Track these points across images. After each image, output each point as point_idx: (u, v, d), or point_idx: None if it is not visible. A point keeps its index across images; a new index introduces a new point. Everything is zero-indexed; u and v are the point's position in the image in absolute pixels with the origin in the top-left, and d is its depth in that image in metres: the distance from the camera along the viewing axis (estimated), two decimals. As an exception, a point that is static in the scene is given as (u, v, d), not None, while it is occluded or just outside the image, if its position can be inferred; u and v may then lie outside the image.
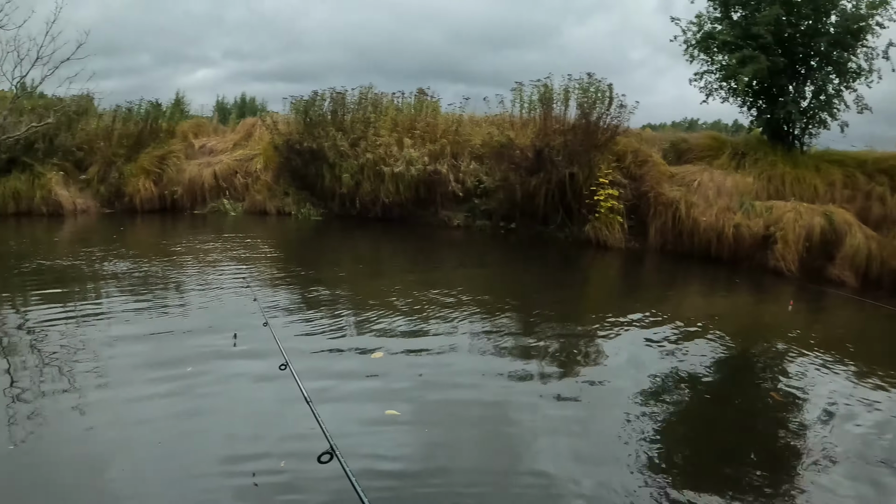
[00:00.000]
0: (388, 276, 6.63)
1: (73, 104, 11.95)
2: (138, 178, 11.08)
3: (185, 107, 13.41)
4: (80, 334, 4.25)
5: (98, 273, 6.34)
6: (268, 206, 10.46)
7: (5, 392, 3.20)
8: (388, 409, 2.90)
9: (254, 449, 2.57)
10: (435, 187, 9.63)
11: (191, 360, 3.58)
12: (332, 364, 3.57)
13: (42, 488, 2.35)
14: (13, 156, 11.77)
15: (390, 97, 10.97)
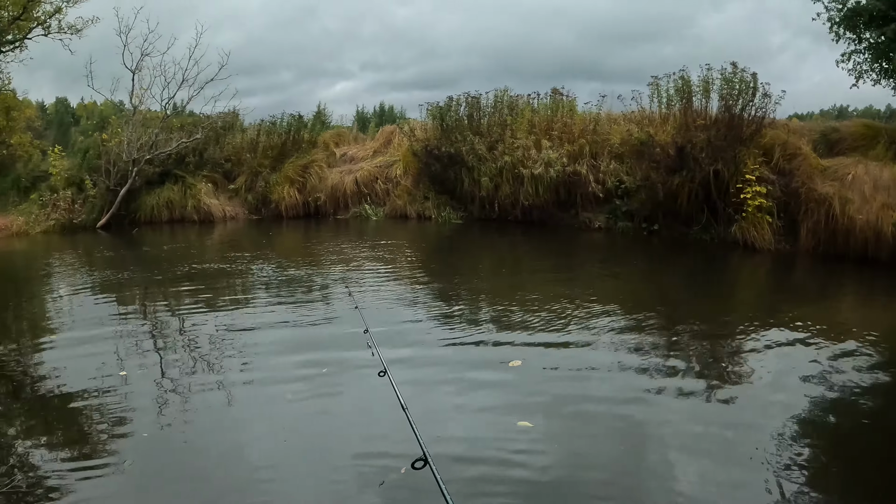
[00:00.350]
0: (527, 280, 7.46)
1: (220, 120, 15.26)
2: (283, 187, 13.95)
3: (325, 118, 16.39)
4: (227, 332, 5.43)
5: (246, 275, 7.95)
6: (408, 210, 12.77)
7: (157, 381, 4.28)
8: (521, 419, 3.28)
9: (384, 446, 3.15)
10: (575, 189, 11.24)
11: (331, 359, 4.48)
12: (468, 370, 4.13)
13: (186, 467, 3.14)
14: (166, 169, 15.24)
15: (526, 99, 12.98)
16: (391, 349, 4.46)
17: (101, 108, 19.92)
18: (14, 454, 3.48)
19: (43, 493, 2.98)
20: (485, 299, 6.25)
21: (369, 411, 3.62)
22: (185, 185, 14.94)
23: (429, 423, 3.24)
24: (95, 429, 3.72)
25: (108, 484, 3.04)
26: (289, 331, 5.39)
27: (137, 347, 5.27)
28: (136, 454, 3.29)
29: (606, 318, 5.30)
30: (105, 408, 3.95)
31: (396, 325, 5.29)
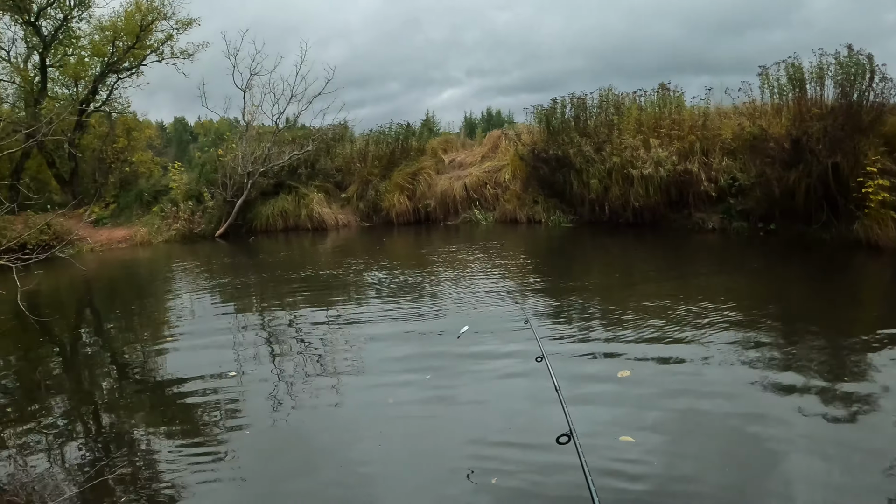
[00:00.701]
0: (639, 283, 8.04)
1: (330, 132, 18.42)
2: (393, 194, 16.77)
3: (433, 125, 19.21)
4: (339, 334, 6.34)
5: (359, 280, 9.35)
6: (518, 214, 15.00)
7: (269, 380, 5.07)
8: (625, 433, 3.57)
9: (495, 440, 3.60)
10: (686, 188, 12.54)
11: (443, 356, 5.15)
12: (578, 381, 4.49)
13: (293, 461, 3.71)
14: (279, 180, 18.57)
15: (632, 96, 14.72)
16: (499, 348, 5.36)
17: (217, 126, 24.16)
18: (132, 440, 4.26)
19: (154, 477, 3.66)
20: (595, 303, 6.86)
21: (477, 413, 4.12)
22: (298, 195, 18.22)
23: (527, 429, 3.80)
24: (208, 421, 4.45)
25: (217, 473, 3.64)
26: (401, 334, 6.18)
27: (252, 347, 6.30)
28: (245, 447, 3.94)
29: (721, 325, 5.58)
30: (218, 403, 4.77)
31: (506, 324, 6.10)
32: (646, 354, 5.03)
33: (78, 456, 4.13)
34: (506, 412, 4.11)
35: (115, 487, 3.56)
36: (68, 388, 5.73)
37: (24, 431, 4.61)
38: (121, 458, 3.95)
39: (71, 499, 3.45)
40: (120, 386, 5.71)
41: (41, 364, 6.73)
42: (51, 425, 4.69)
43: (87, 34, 20.49)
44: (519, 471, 3.34)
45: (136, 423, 4.64)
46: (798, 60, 10.96)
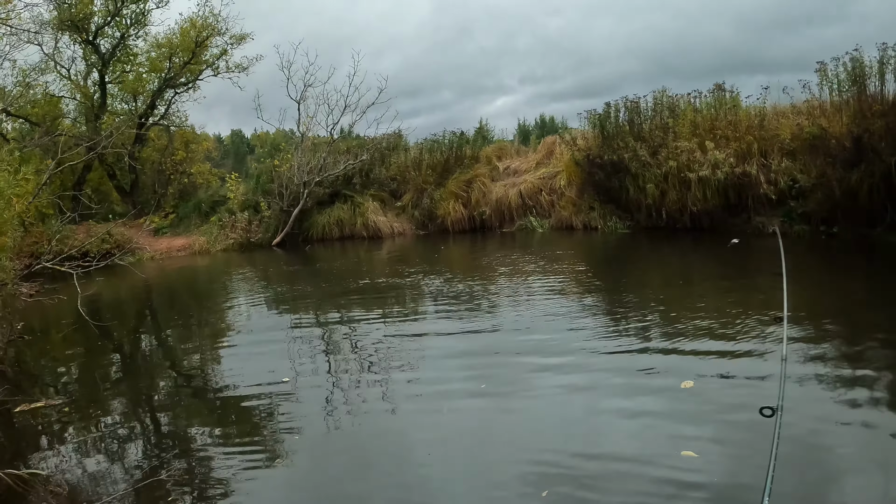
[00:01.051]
0: (698, 291, 7.97)
1: (384, 141, 18.94)
2: (448, 202, 17.19)
3: (487, 133, 19.63)
4: (395, 342, 6.40)
5: (415, 287, 9.46)
6: (574, 221, 15.24)
7: (325, 386, 5.24)
8: (686, 448, 3.52)
9: (549, 450, 3.62)
10: (745, 191, 12.55)
11: (498, 364, 5.29)
12: (639, 391, 4.48)
13: (350, 460, 3.82)
14: (335, 189, 19.15)
15: (687, 98, 14.85)
16: (557, 357, 5.38)
17: (273, 137, 25.04)
18: (186, 442, 4.37)
19: (207, 479, 3.73)
20: (654, 311, 6.85)
21: (532, 423, 4.18)
22: (354, 204, 18.78)
23: (587, 436, 3.88)
24: (262, 425, 4.59)
25: (270, 477, 3.74)
26: (456, 342, 6.30)
27: (307, 353, 6.45)
28: (299, 451, 4.03)
29: (789, 332, 5.38)
30: (275, 409, 4.88)
31: (563, 334, 6.17)
32: (707, 364, 4.99)
33: (133, 455, 4.30)
34: (560, 421, 4.15)
35: (168, 487, 3.66)
36: (126, 390, 6.01)
37: (82, 430, 4.86)
38: (175, 459, 4.08)
39: (126, 497, 3.57)
40: (176, 389, 5.93)
41: (100, 367, 7.09)
42: (108, 425, 4.93)
43: (145, 51, 21.39)
44: (571, 482, 3.34)
45: (191, 425, 4.84)
46: (859, 55, 10.88)
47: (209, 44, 20.55)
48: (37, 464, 4.21)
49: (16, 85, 20.54)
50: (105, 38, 21.19)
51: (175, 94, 21.88)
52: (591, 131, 15.64)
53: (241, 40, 20.80)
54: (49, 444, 4.65)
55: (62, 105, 22.31)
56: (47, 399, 5.65)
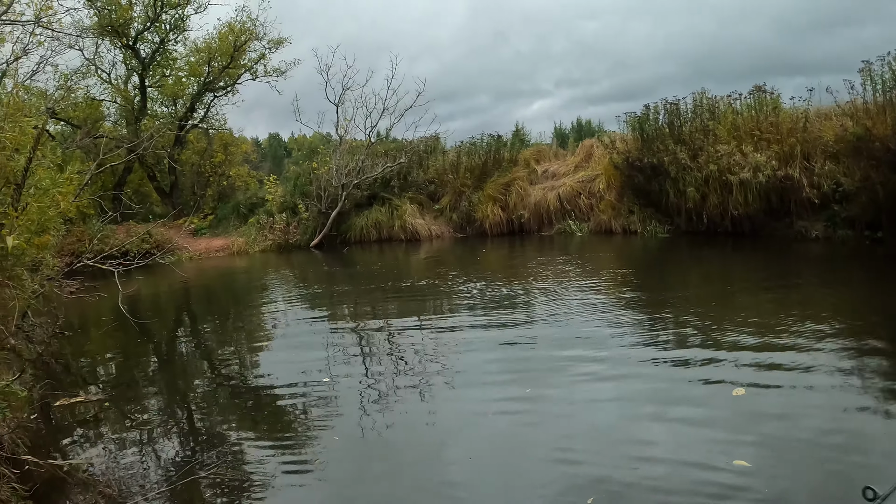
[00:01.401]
0: (738, 297, 7.94)
1: (422, 144, 19.29)
2: (486, 205, 17.47)
3: (524, 136, 19.89)
4: (432, 345, 6.48)
5: (454, 290, 9.61)
6: (613, 225, 15.42)
7: (360, 388, 5.33)
8: (744, 450, 3.53)
9: (594, 458, 3.63)
10: (787, 195, 12.52)
11: (542, 371, 5.28)
12: (686, 398, 4.49)
13: (385, 461, 3.91)
14: (373, 192, 19.54)
15: (726, 99, 14.92)
16: (599, 363, 5.38)
17: (311, 140, 25.58)
18: (223, 443, 4.45)
19: (243, 478, 3.82)
20: (697, 317, 6.76)
21: (568, 428, 4.19)
22: (392, 207, 19.18)
23: (634, 442, 3.86)
24: (298, 425, 4.68)
25: (305, 476, 3.82)
26: (495, 345, 6.36)
27: (345, 354, 6.56)
28: (334, 451, 4.10)
29: (826, 339, 5.54)
30: (310, 409, 4.99)
31: (606, 339, 6.17)
32: (755, 372, 4.94)
33: (170, 453, 4.42)
34: (606, 427, 4.17)
35: (204, 486, 3.75)
36: (164, 388, 6.19)
37: (121, 427, 5.01)
38: (211, 458, 4.16)
39: (162, 494, 3.66)
40: (213, 387, 6.08)
41: (138, 364, 7.33)
42: (146, 422, 5.08)
43: (184, 56, 22.01)
44: (618, 490, 3.36)
45: (227, 423, 4.93)
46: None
47: (247, 48, 21.05)
48: (75, 457, 4.39)
49: (57, 88, 21.21)
50: (145, 42, 21.81)
51: (214, 97, 22.46)
52: (630, 134, 15.75)
53: (278, 44, 21.31)
54: (87, 439, 4.81)
55: (103, 108, 22.96)
56: (87, 395, 5.83)
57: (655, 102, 15.24)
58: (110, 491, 3.72)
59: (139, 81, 22.07)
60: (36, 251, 6.67)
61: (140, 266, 8.97)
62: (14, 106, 8.49)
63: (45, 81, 21.28)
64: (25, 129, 7.42)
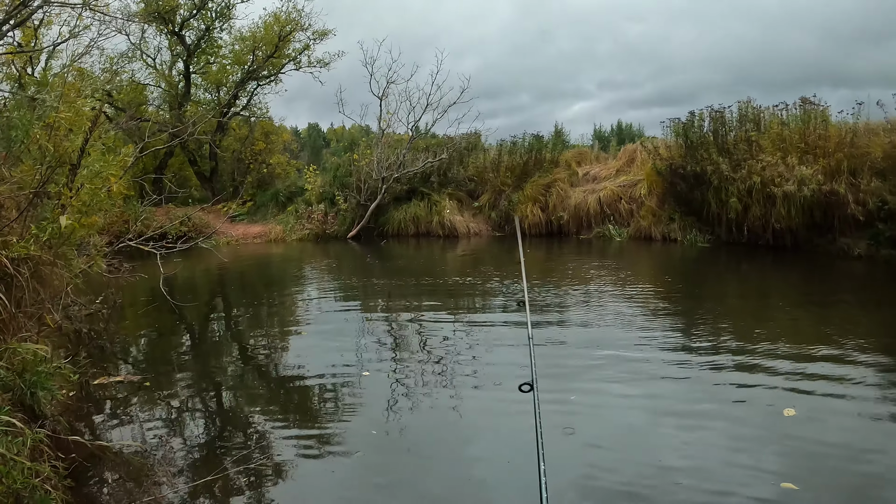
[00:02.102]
0: (776, 311, 7.92)
1: (463, 141, 19.74)
2: (526, 205, 17.88)
3: (565, 137, 20.26)
4: (464, 339, 6.69)
5: (489, 288, 9.78)
6: (653, 231, 15.67)
7: (390, 381, 5.40)
8: (763, 474, 3.53)
9: (613, 466, 3.69)
10: (831, 210, 12.62)
11: (564, 371, 5.36)
12: (710, 412, 4.47)
13: (413, 453, 4.04)
14: (412, 186, 20.05)
15: (772, 110, 15.12)
16: (634, 374, 5.37)
17: (350, 132, 26.25)
18: (251, 429, 4.54)
19: (271, 466, 3.89)
20: (729, 330, 6.80)
21: (596, 430, 4.28)
22: (431, 202, 19.69)
23: (660, 452, 3.87)
24: (327, 418, 4.73)
25: (328, 465, 3.87)
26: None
27: (375, 347, 6.66)
28: (359, 442, 4.17)
29: (864, 362, 5.46)
30: (339, 400, 5.09)
31: (635, 346, 6.25)
32: (790, 388, 4.92)
33: (201, 436, 4.54)
34: (626, 432, 4.25)
35: (231, 469, 3.86)
36: (198, 370, 6.33)
37: (155, 409, 5.15)
38: (240, 442, 4.30)
39: (191, 476, 3.79)
40: (246, 372, 6.23)
41: (175, 345, 7.57)
42: (180, 404, 5.25)
43: (229, 44, 22.65)
44: (635, 494, 3.42)
45: (257, 408, 5.05)
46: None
47: (292, 38, 21.59)
48: (108, 436, 4.49)
49: (103, 71, 21.98)
50: (190, 29, 22.46)
51: (257, 86, 23.09)
52: (673, 140, 15.94)
53: (323, 36, 21.83)
54: (124, 418, 4.92)
55: (147, 92, 23.71)
56: (126, 375, 6.00)
57: (700, 110, 15.46)
58: (139, 471, 3.90)
59: (184, 68, 22.77)
60: (84, 231, 7.17)
61: (179, 250, 9.30)
62: (70, 87, 9.07)
63: (91, 64, 22.01)
64: (80, 111, 7.93)
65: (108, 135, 12.93)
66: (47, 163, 6.52)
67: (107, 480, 3.84)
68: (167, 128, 18.95)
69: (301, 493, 3.72)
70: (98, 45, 20.12)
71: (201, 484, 3.68)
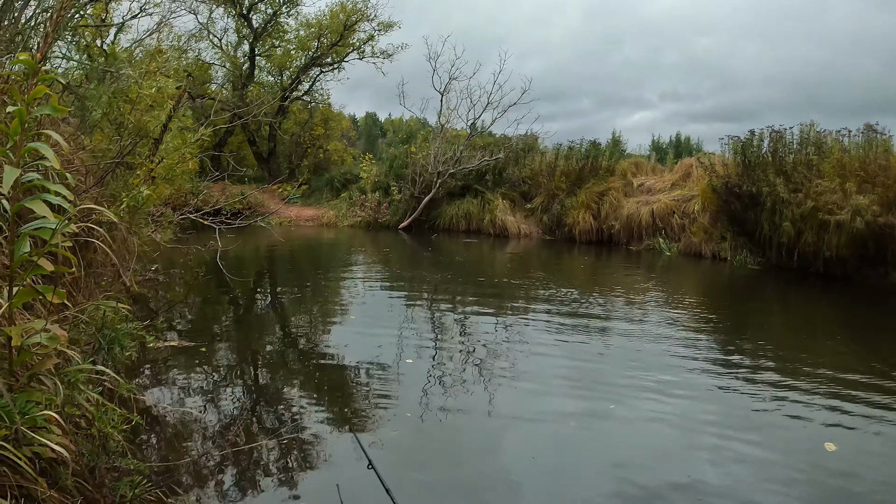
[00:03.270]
0: (820, 340, 7.99)
1: (520, 142, 20.40)
2: (578, 211, 18.48)
3: (622, 146, 20.76)
4: (505, 339, 6.93)
5: (534, 291, 10.06)
6: (703, 248, 16.04)
7: (429, 374, 5.61)
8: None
9: (643, 483, 3.71)
10: (885, 242, 12.87)
11: (600, 382, 5.54)
12: (744, 437, 4.46)
13: (445, 449, 4.16)
14: (467, 183, 20.80)
15: (834, 135, 15.41)
16: (664, 387, 5.49)
17: (408, 124, 27.17)
18: (288, 409, 4.72)
19: (302, 445, 4.05)
20: (770, 355, 6.82)
21: (627, 443, 4.37)
22: (484, 200, 20.44)
23: (691, 470, 3.91)
24: (363, 403, 4.90)
25: (356, 454, 3.91)
26: (564, 353, 6.56)
27: (415, 340, 6.84)
28: (389, 435, 4.23)
29: None
30: (377, 386, 5.28)
31: (674, 363, 6.34)
32: (827, 420, 4.90)
33: (238, 405, 4.80)
34: (657, 449, 4.29)
35: (264, 445, 4.04)
36: (242, 343, 6.71)
37: (198, 374, 5.46)
38: (274, 419, 4.49)
39: (225, 446, 3.98)
40: (286, 349, 6.55)
41: (223, 316, 8.14)
42: (222, 374, 5.54)
43: (294, 29, 23.64)
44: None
45: (295, 388, 5.23)
46: None
47: (357, 28, 22.45)
48: (156, 397, 4.82)
49: (172, 49, 23.11)
50: (258, 13, 23.47)
51: (320, 72, 24.08)
52: (730, 158, 16.17)
53: (387, 28, 22.67)
54: (171, 382, 5.23)
55: (211, 72, 24.85)
56: (180, 341, 6.39)
57: (761, 129, 15.68)
58: (186, 432, 4.15)
59: (249, 50, 23.84)
60: (155, 202, 7.76)
61: (234, 226, 10.19)
62: (153, 66, 9.90)
63: (160, 41, 23.11)
64: (162, 89, 8.66)
65: (186, 113, 13.88)
66: (128, 135, 7.24)
67: (152, 438, 4.12)
68: (230, 107, 19.99)
69: (334, 468, 3.88)
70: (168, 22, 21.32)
71: (238, 451, 3.92)
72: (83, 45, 15.17)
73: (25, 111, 2.18)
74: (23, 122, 2.19)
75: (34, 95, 2.25)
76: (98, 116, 7.57)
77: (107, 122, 7.62)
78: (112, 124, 7.62)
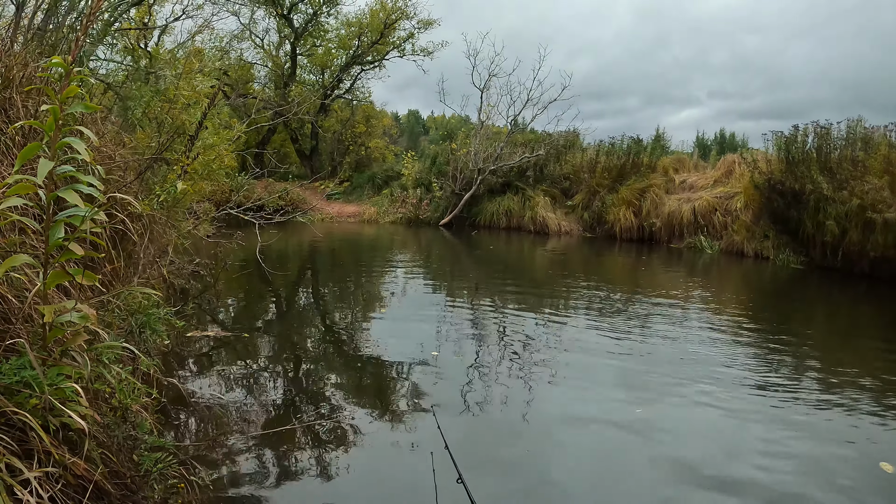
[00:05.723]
0: (863, 343, 7.95)
1: (562, 139, 20.73)
2: (619, 208, 18.74)
3: (665, 143, 20.94)
4: (544, 338, 6.92)
5: (575, 290, 10.28)
6: (745, 247, 16.08)
7: (468, 371, 5.68)
8: None
9: (687, 474, 3.81)
10: None
11: (640, 384, 5.51)
12: (787, 441, 4.46)
13: (481, 450, 4.15)
14: (507, 180, 21.22)
15: (882, 131, 15.25)
16: (707, 390, 5.48)
17: (449, 121, 27.72)
18: (324, 398, 4.87)
19: (337, 434, 4.18)
20: (813, 359, 6.76)
21: (674, 446, 4.31)
22: (525, 197, 20.83)
23: (719, 469, 3.98)
24: (398, 395, 5.03)
25: (395, 446, 4.06)
26: (605, 354, 6.57)
27: (454, 337, 6.93)
28: (429, 432, 4.17)
29: None
30: (413, 380, 5.36)
31: (716, 366, 6.29)
32: (869, 426, 4.85)
33: (271, 394, 4.98)
34: (702, 455, 4.25)
35: (299, 435, 4.15)
36: (278, 335, 6.90)
37: (233, 363, 5.64)
38: (310, 410, 4.61)
39: (260, 435, 4.11)
40: (322, 342, 6.72)
41: (261, 309, 8.37)
42: (257, 364, 5.75)
43: (335, 28, 24.26)
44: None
45: (331, 380, 5.38)
46: None
47: (397, 26, 22.97)
48: (192, 383, 5.01)
49: (214, 49, 23.96)
50: (299, 13, 24.15)
51: (361, 70, 24.70)
52: (774, 154, 16.18)
53: (427, 25, 23.13)
54: (207, 369, 5.43)
55: (253, 71, 25.66)
56: (217, 330, 6.62)
57: (805, 124, 15.60)
58: (219, 418, 4.32)
59: (290, 49, 24.55)
60: (193, 197, 8.19)
61: (275, 222, 10.54)
62: (189, 66, 10.49)
63: (203, 42, 23.98)
64: (197, 88, 9.19)
65: (222, 111, 14.53)
66: (165, 132, 7.62)
67: (188, 421, 4.32)
68: (272, 105, 20.71)
69: (366, 454, 4.02)
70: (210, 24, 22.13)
71: (270, 435, 4.10)
72: (127, 48, 15.98)
73: (59, 109, 2.35)
74: (56, 119, 2.35)
75: (67, 94, 2.41)
76: (139, 115, 8.17)
77: (147, 120, 8.21)
78: (152, 122, 8.19)
